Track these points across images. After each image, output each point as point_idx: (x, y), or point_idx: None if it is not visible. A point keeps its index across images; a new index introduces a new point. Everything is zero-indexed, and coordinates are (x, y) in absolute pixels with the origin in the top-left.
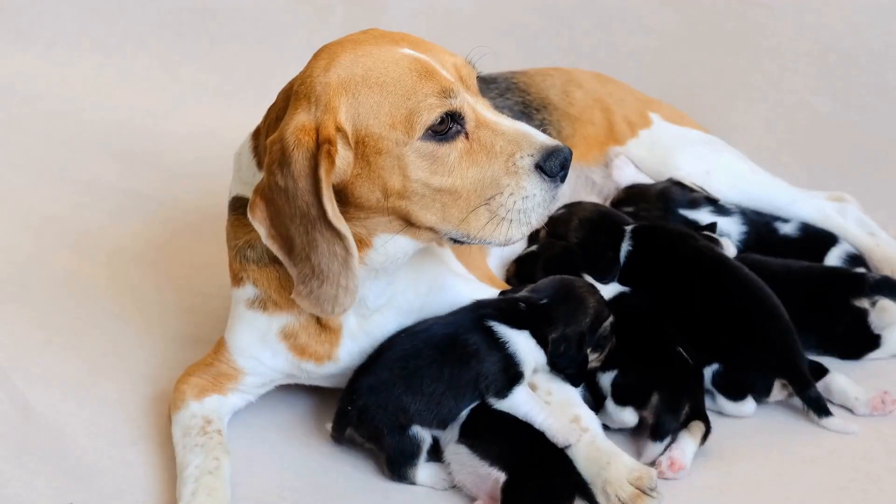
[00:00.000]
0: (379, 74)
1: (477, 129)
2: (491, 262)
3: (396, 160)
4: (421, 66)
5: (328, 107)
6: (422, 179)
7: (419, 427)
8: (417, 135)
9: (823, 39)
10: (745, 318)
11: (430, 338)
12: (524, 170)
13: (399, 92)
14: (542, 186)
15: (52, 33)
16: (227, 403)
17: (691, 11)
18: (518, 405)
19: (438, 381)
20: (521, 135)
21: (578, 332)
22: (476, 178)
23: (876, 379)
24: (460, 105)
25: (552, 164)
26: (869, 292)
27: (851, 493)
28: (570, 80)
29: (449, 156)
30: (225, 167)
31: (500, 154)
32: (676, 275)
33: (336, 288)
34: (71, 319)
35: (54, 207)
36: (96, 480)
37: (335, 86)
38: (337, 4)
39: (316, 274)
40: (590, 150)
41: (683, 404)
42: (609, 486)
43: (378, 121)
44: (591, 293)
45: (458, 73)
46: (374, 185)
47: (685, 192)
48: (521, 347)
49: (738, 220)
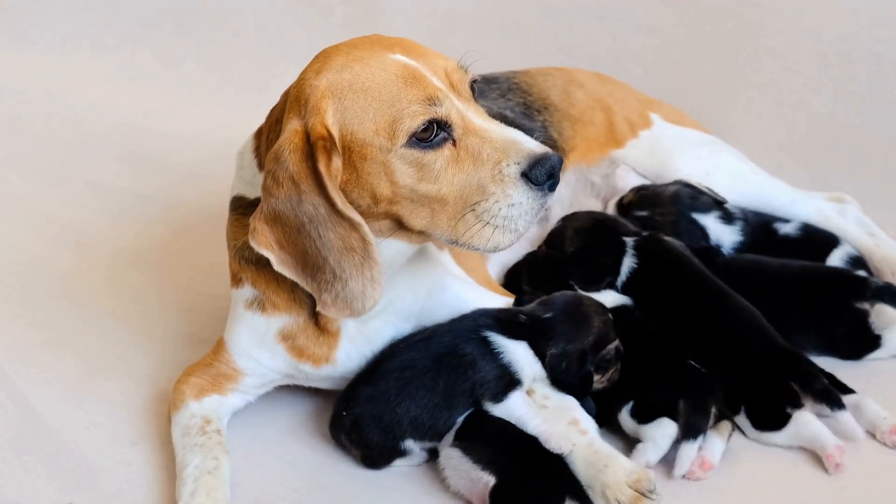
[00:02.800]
0: (365, 80)
1: (465, 136)
2: (492, 269)
3: (382, 166)
4: (408, 73)
5: (316, 109)
6: (409, 186)
7: (412, 441)
8: (400, 142)
9: (823, 39)
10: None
11: (426, 348)
12: (510, 178)
13: (384, 98)
14: (529, 195)
15: (52, 33)
16: (227, 404)
17: (691, 11)
18: (512, 409)
19: (433, 391)
20: (509, 142)
21: (579, 350)
22: (463, 185)
23: (876, 379)
24: (446, 113)
25: (538, 172)
26: (870, 297)
27: (851, 493)
28: (572, 81)
29: (435, 163)
30: (225, 168)
31: (487, 161)
32: (678, 294)
33: (362, 282)
34: (71, 319)
35: (54, 208)
36: (96, 480)
37: (323, 90)
38: (337, 4)
39: (338, 275)
40: (590, 150)
41: (710, 403)
42: (608, 489)
43: (363, 126)
44: (598, 313)
45: (449, 78)
46: (363, 190)
47: (695, 195)
48: (518, 357)
49: (738, 229)
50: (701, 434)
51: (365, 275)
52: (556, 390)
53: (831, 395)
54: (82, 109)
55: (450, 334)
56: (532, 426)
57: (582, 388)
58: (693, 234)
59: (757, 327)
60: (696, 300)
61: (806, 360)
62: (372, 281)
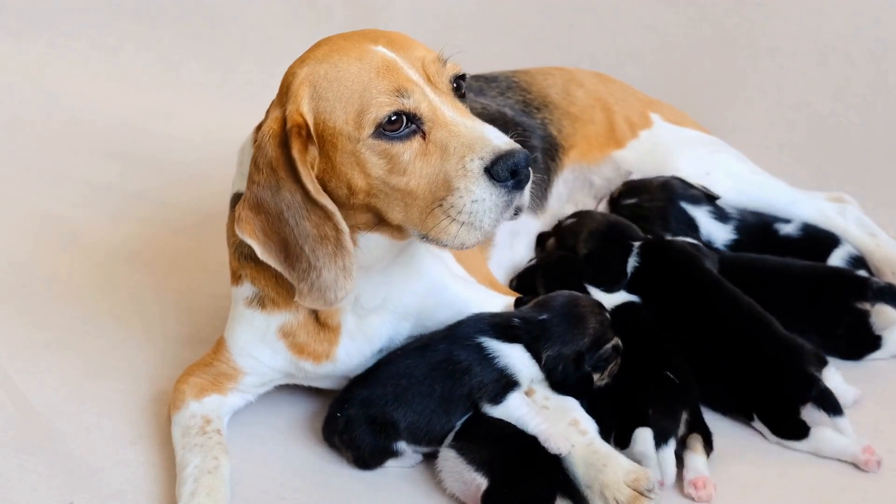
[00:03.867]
0: (340, 70)
1: (434, 129)
2: (497, 272)
3: (353, 157)
4: (383, 64)
5: (294, 97)
6: (381, 178)
7: (405, 444)
8: (367, 132)
9: (823, 39)
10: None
11: (423, 356)
12: (473, 173)
13: (354, 88)
14: (493, 191)
15: (52, 33)
16: (227, 403)
17: (691, 11)
18: (511, 410)
19: (430, 398)
20: (476, 137)
21: (575, 352)
22: (431, 179)
23: (876, 379)
24: (414, 105)
25: (499, 168)
26: (871, 297)
27: (851, 493)
28: (572, 80)
29: (403, 155)
30: (225, 168)
31: (453, 155)
32: (681, 295)
33: (335, 271)
34: (71, 319)
35: (54, 207)
36: (96, 480)
37: (302, 78)
38: (336, 5)
39: (313, 264)
40: (591, 149)
41: (679, 410)
42: (606, 489)
43: (334, 115)
44: (594, 313)
45: (426, 70)
46: (340, 181)
47: (686, 187)
48: (514, 360)
49: (732, 228)
50: (671, 436)
51: (337, 264)
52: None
53: (828, 400)
54: (82, 109)
55: (445, 341)
56: (532, 426)
57: (581, 389)
58: (680, 223)
59: (760, 327)
60: (699, 300)
61: (805, 365)
62: (344, 271)
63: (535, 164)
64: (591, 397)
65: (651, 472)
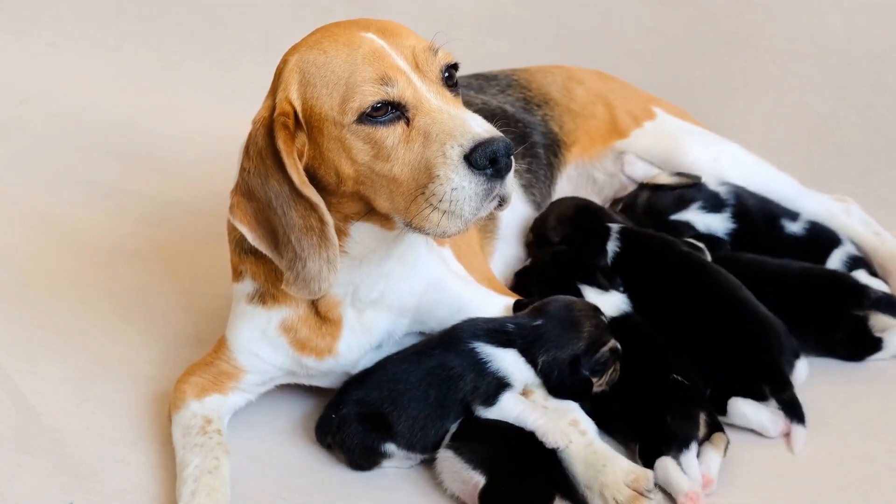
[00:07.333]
0: (328, 56)
1: (417, 116)
2: (501, 266)
3: (339, 142)
4: (370, 51)
5: (284, 85)
6: (367, 164)
7: (394, 446)
8: (350, 118)
9: (823, 39)
10: (723, 321)
11: (417, 361)
12: (452, 160)
13: (340, 74)
14: (472, 179)
15: (52, 33)
16: (228, 403)
17: (691, 11)
18: (506, 410)
19: (425, 402)
20: (458, 124)
21: (570, 357)
22: (413, 165)
23: (877, 380)
24: (399, 93)
25: (477, 156)
26: (868, 307)
27: (851, 493)
28: (572, 78)
29: (387, 140)
30: (225, 167)
31: (434, 142)
32: (660, 280)
33: (319, 263)
34: (71, 319)
35: (54, 207)
36: (96, 480)
37: (292, 65)
38: (336, 4)
39: (299, 254)
40: (593, 143)
41: (697, 412)
42: (606, 488)
43: (320, 101)
44: (588, 317)
45: (416, 59)
46: (328, 168)
47: (664, 195)
48: (507, 364)
49: (727, 216)
50: (693, 440)
51: (322, 255)
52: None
53: (796, 408)
54: (82, 109)
55: (439, 347)
56: (530, 421)
57: (580, 394)
58: (678, 235)
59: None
60: (675, 284)
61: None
62: (328, 262)
63: (535, 156)
64: (592, 401)
65: (651, 472)
